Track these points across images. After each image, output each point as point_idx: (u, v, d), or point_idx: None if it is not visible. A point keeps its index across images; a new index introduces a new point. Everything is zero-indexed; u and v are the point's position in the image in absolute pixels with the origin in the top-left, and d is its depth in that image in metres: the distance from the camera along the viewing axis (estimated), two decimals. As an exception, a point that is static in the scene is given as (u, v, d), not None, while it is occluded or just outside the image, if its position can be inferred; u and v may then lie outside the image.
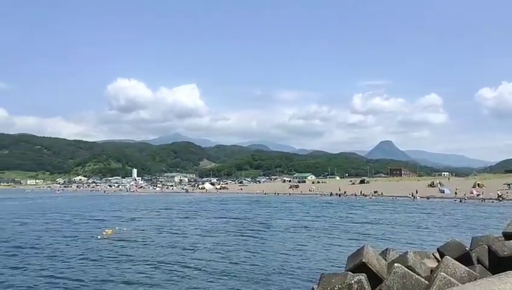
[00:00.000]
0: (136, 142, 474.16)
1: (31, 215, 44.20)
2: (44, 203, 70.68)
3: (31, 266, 17.25)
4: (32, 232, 28.45)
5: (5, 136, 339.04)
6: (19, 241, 24.45)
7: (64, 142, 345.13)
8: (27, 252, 20.74)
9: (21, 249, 21.43)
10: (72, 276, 15.31)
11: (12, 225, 33.74)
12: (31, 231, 29.21)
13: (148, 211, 48.32)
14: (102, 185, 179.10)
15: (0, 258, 19.04)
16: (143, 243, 23.06)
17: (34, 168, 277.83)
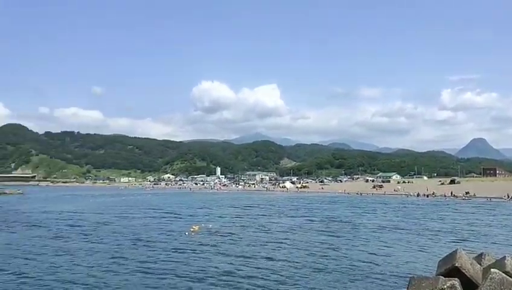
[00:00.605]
0: (219, 141, 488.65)
1: (127, 211, 47.62)
2: (136, 200, 75.20)
3: (129, 258, 18.79)
4: (130, 227, 30.76)
5: (100, 137, 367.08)
6: (120, 234, 26.71)
7: (154, 142, 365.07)
8: (126, 243, 22.67)
9: (122, 241, 23.50)
10: (164, 270, 16.33)
11: (114, 220, 36.58)
12: (130, 226, 31.60)
13: (233, 209, 49.68)
14: (189, 183, 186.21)
15: (107, 249, 21.03)
16: (229, 239, 23.82)
17: (127, 166, 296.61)
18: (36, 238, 25.56)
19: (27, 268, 16.93)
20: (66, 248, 21.76)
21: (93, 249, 21.17)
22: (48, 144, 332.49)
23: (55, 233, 27.78)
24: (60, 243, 23.57)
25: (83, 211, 46.20)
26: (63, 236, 26.24)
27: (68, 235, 26.42)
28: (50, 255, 19.84)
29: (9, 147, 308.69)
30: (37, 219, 37.25)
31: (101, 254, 19.89)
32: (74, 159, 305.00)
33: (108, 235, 26.38)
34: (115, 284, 14.38)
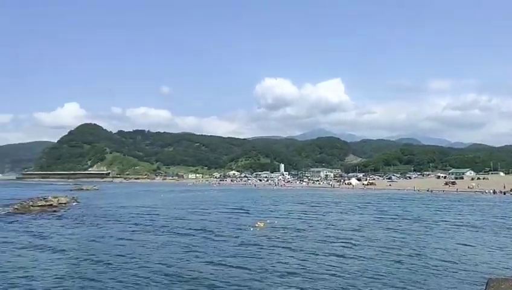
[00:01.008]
0: (283, 138, 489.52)
1: (196, 206, 49.32)
2: (204, 195, 77.29)
3: (200, 250, 19.65)
4: (199, 221, 32.00)
5: (169, 135, 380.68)
6: (191, 228, 27.89)
7: (219, 139, 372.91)
8: (197, 236, 23.67)
9: (193, 235, 24.58)
10: (231, 262, 16.96)
11: (185, 214, 38.20)
12: (199, 220, 32.89)
13: (297, 205, 49.62)
14: (253, 179, 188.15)
15: (180, 241, 22.07)
16: (295, 236, 23.89)
17: (194, 163, 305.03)
18: (115, 230, 27.50)
19: (110, 257, 18.38)
20: (143, 239, 23.36)
21: (168, 242, 22.53)
22: (121, 142, 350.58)
23: (132, 226, 29.66)
24: (138, 235, 25.27)
25: (155, 206, 48.52)
26: (140, 229, 28.03)
27: (144, 229, 28.19)
28: (129, 246, 21.41)
29: (85, 145, 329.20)
30: (114, 213, 39.70)
31: (175, 246, 21.13)
32: (145, 157, 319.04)
33: (180, 229, 27.74)
34: (189, 274, 15.23)
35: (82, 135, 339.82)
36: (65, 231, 27.40)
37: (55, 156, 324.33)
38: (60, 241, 22.97)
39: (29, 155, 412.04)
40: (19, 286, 14.05)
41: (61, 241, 23.23)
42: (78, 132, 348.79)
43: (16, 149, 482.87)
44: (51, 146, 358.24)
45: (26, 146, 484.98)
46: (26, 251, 20.23)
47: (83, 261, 18.02)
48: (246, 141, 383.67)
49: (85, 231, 27.62)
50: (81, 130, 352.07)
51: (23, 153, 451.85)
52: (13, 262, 17.63)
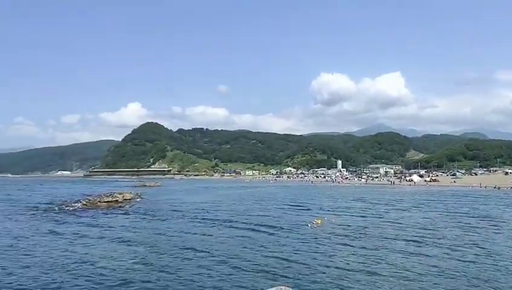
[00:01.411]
0: (340, 134, 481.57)
1: (255, 202, 50.10)
2: (261, 191, 77.93)
3: (261, 244, 19.99)
4: (258, 217, 32.43)
5: (227, 133, 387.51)
6: (250, 223, 28.38)
7: (275, 136, 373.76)
8: (257, 231, 24.02)
9: (253, 229, 24.97)
10: (291, 258, 17.10)
11: (244, 210, 38.85)
12: (258, 215, 33.40)
13: (356, 202, 48.86)
14: (310, 176, 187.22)
15: (241, 236, 22.57)
16: (354, 234, 23.51)
17: (251, 160, 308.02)
18: (178, 224, 28.64)
19: (175, 249, 19.33)
20: (205, 233, 24.25)
21: (229, 235, 23.26)
22: (181, 140, 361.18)
23: (194, 221, 30.72)
24: (200, 229, 26.21)
25: (215, 202, 49.73)
26: (202, 223, 29.02)
27: (206, 223, 29.16)
28: (193, 238, 22.39)
29: (148, 143, 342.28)
30: (177, 208, 41.06)
31: (236, 239, 21.86)
32: (204, 154, 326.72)
33: (240, 223, 28.36)
34: (252, 266, 15.67)
35: (144, 134, 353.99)
36: (131, 225, 28.80)
37: (120, 154, 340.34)
38: (127, 235, 24.22)
39: (96, 153, 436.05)
40: (95, 275, 15.04)
41: (128, 234, 24.48)
42: (141, 131, 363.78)
43: (83, 148, 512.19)
44: (116, 144, 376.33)
45: (92, 145, 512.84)
46: (97, 243, 21.56)
47: (150, 252, 18.97)
48: (302, 137, 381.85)
49: (150, 225, 28.96)
50: (144, 129, 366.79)
51: (90, 151, 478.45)
52: (86, 253, 18.86)
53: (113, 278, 14.47)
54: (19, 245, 20.72)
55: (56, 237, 23.41)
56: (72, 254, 18.53)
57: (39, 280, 14.22)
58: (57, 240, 22.32)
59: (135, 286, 13.62)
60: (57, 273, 15.13)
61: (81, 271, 15.51)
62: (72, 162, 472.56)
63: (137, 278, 14.38)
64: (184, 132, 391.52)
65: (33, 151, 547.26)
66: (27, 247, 20.32)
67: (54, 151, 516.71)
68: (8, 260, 17.41)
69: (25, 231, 25.73)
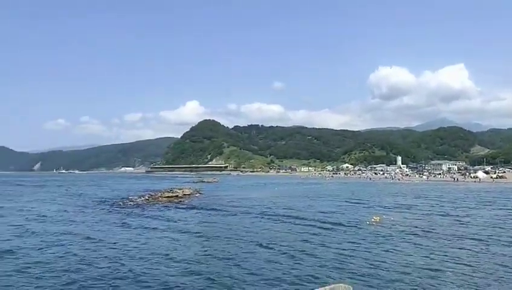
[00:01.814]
0: (400, 129, 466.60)
1: (312, 198, 49.93)
2: (317, 188, 77.48)
3: (325, 241, 19.98)
4: (315, 213, 32.33)
5: (282, 129, 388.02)
6: (308, 219, 28.39)
7: (331, 132, 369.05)
8: (314, 227, 24.00)
9: (310, 225, 24.97)
10: (349, 254, 17.00)
11: (301, 206, 38.85)
12: (316, 211, 33.23)
13: (417, 199, 47.19)
14: (368, 173, 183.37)
15: (299, 231, 22.64)
16: (415, 231, 22.79)
17: (306, 156, 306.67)
18: (237, 218, 29.41)
19: (237, 241, 19.87)
20: (264, 227, 24.80)
21: (287, 230, 23.53)
22: (237, 137, 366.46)
23: (252, 215, 31.39)
24: (259, 223, 26.86)
25: (272, 197, 50.16)
26: (260, 218, 29.56)
27: (264, 217, 29.64)
28: (253, 231, 23.03)
29: (205, 140, 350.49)
30: (234, 203, 42.01)
31: (295, 234, 22.08)
32: (259, 150, 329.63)
33: (298, 219, 28.48)
34: (312, 260, 15.82)
35: (202, 131, 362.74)
36: (192, 219, 29.86)
37: (179, 151, 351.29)
38: (189, 228, 25.22)
39: (157, 150, 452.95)
40: (162, 264, 15.86)
41: (190, 227, 25.47)
42: (199, 128, 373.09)
43: (145, 145, 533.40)
44: (175, 141, 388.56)
45: (154, 142, 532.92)
46: (163, 235, 22.59)
47: (213, 245, 19.62)
48: (359, 133, 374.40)
49: (210, 219, 29.80)
50: (202, 126, 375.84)
51: (151, 148, 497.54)
52: (155, 244, 19.93)
53: (182, 267, 15.24)
54: (94, 237, 22.08)
55: (125, 229, 24.83)
56: (142, 245, 19.61)
57: (117, 269, 15.14)
58: (126, 232, 23.62)
59: (202, 276, 14.14)
60: (132, 263, 16.10)
61: (154, 260, 16.44)
62: (134, 158, 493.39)
63: (203, 269, 14.96)
64: (240, 129, 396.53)
65: (98, 148, 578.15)
66: (102, 238, 21.66)
67: (117, 149, 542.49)
68: (86, 250, 18.64)
69: (97, 224, 27.40)
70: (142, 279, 13.77)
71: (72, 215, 32.83)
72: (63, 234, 23.15)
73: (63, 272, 14.63)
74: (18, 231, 24.37)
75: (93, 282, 13.49)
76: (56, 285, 13.25)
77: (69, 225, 27.15)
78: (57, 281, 13.64)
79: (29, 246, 19.47)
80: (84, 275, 14.23)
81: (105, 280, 13.69)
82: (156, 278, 13.86)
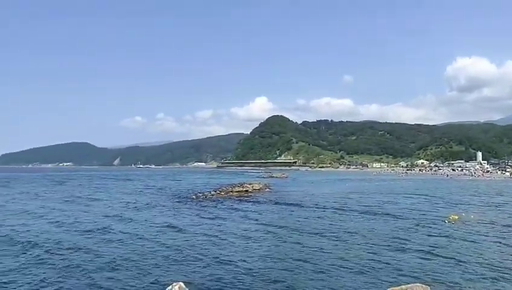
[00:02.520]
0: (480, 123, 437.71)
1: (385, 194, 48.87)
2: (391, 185, 75.41)
3: (394, 236, 19.57)
4: (391, 209, 31.51)
5: (352, 124, 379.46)
6: (383, 213, 27.96)
7: (405, 126, 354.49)
8: (389, 221, 23.48)
9: (385, 219, 24.53)
10: (429, 252, 16.50)
11: (375, 203, 38.12)
12: (392, 209, 32.40)
13: (500, 197, 44.32)
14: (445, 169, 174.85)
15: (375, 226, 22.31)
16: (499, 231, 21.59)
17: (378, 152, 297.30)
18: (309, 213, 29.56)
19: (312, 235, 19.97)
20: (342, 224, 24.48)
21: (362, 227, 23.15)
22: (306, 132, 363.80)
23: (323, 210, 31.40)
24: (333, 219, 26.56)
25: (342, 193, 49.60)
26: (333, 214, 29.17)
27: (337, 214, 29.31)
28: (327, 226, 23.07)
29: (274, 136, 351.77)
30: (305, 198, 42.14)
31: (369, 232, 21.66)
32: (329, 146, 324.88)
33: (371, 215, 28.23)
34: (387, 261, 15.38)
35: (271, 127, 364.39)
36: (264, 212, 30.60)
37: (249, 146, 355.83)
38: (261, 220, 25.95)
39: (227, 146, 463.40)
40: (241, 253, 16.78)
41: (262, 220, 26.23)
42: (268, 124, 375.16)
43: (216, 140, 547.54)
44: (245, 137, 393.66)
45: (224, 138, 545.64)
46: (236, 227, 23.44)
47: (286, 238, 20.01)
48: (435, 127, 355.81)
49: (282, 213, 30.17)
50: (270, 122, 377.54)
51: (222, 144, 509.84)
52: (230, 234, 21.04)
53: (258, 255, 16.10)
54: (175, 227, 23.69)
55: (203, 220, 26.28)
56: (221, 235, 20.68)
57: (199, 257, 16.10)
58: (205, 223, 24.93)
59: (275, 267, 14.45)
60: (213, 249, 17.22)
61: (232, 248, 17.55)
62: (206, 154, 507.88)
63: (277, 261, 15.30)
64: (309, 124, 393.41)
65: (172, 144, 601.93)
66: (183, 228, 23.18)
67: (190, 144, 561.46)
68: (170, 238, 20.01)
69: (176, 215, 29.12)
70: (227, 263, 15.02)
71: (155, 206, 35.67)
72: (151, 222, 25.81)
73: (163, 253, 16.17)
74: (117, 218, 27.95)
75: (187, 262, 14.91)
76: (163, 260, 14.48)
77: (154, 214, 29.94)
78: (165, 256, 15.94)
79: (135, 231, 21.33)
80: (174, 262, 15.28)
81: (196, 263, 15.05)
82: (237, 264, 14.85)
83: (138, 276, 13.62)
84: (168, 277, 13.15)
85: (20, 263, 15.19)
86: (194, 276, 13.48)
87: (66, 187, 65.63)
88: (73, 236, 20.71)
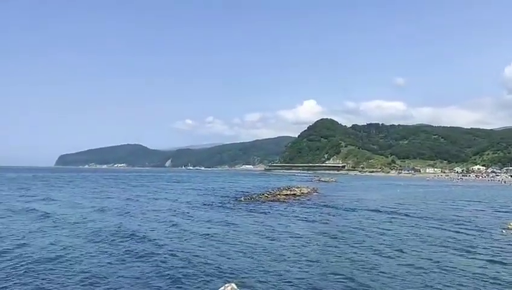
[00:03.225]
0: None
1: (440, 201, 47.12)
2: (445, 191, 72.68)
3: (448, 242, 18.77)
4: (445, 215, 30.10)
5: (404, 128, 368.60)
6: (439, 219, 26.75)
7: (460, 130, 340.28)
8: (445, 227, 22.52)
9: (441, 226, 23.51)
10: (475, 265, 15.60)
11: (429, 208, 36.89)
12: (446, 214, 30.94)
13: None
14: (503, 175, 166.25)
15: (432, 232, 21.55)
16: None
17: (432, 157, 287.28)
18: (361, 220, 28.78)
19: (363, 242, 19.47)
20: (395, 230, 24.01)
21: (418, 234, 22.52)
22: (355, 136, 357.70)
23: (373, 216, 30.78)
24: (386, 225, 26.00)
25: (393, 199, 48.26)
26: (386, 221, 28.47)
27: (390, 220, 28.68)
28: (381, 235, 22.13)
29: (322, 139, 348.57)
30: (354, 203, 41.29)
31: (425, 239, 21.00)
32: (379, 150, 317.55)
33: (428, 221, 27.46)
34: (442, 268, 14.80)
35: (319, 130, 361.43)
36: (313, 216, 30.44)
37: (296, 150, 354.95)
38: (310, 224, 26.05)
39: (275, 149, 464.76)
40: (289, 255, 16.76)
41: (311, 223, 26.29)
42: (316, 127, 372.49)
43: (264, 143, 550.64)
44: (293, 140, 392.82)
45: (272, 141, 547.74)
46: (285, 229, 23.57)
47: (337, 243, 19.67)
48: (492, 131, 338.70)
49: (331, 218, 29.71)
50: (319, 125, 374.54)
51: (269, 147, 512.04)
52: (279, 235, 21.42)
53: (306, 261, 15.91)
54: (226, 227, 24.50)
55: (253, 223, 26.48)
56: (269, 239, 20.70)
57: (250, 258, 16.28)
58: (254, 226, 25.11)
59: (326, 273, 14.27)
60: (264, 252, 17.27)
61: (283, 251, 17.60)
62: (254, 156, 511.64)
63: (327, 268, 15.06)
64: (358, 128, 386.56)
65: (221, 146, 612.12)
66: (234, 229, 23.70)
67: (238, 147, 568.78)
68: (222, 239, 20.32)
69: (229, 217, 29.67)
70: (278, 266, 15.07)
71: (208, 206, 37.68)
72: (205, 221, 27.34)
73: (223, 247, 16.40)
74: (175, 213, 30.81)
75: (239, 263, 14.93)
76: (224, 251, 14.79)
77: (209, 213, 31.88)
78: (217, 256, 16.44)
79: (191, 228, 21.94)
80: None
81: (247, 264, 15.19)
82: (288, 267, 14.86)
83: (190, 274, 13.95)
84: (219, 277, 13.40)
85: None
86: (246, 277, 13.55)
87: (129, 186, 72.74)
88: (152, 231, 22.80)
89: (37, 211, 31.24)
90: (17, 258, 15.93)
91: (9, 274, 13.77)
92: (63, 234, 21.23)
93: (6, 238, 19.82)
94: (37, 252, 16.83)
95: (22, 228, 22.98)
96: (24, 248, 17.67)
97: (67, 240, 19.53)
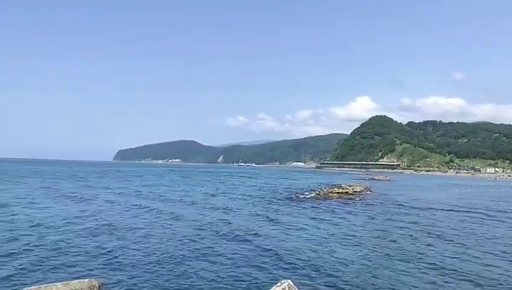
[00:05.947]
0: None
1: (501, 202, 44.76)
2: (508, 192, 68.98)
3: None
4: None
5: (463, 125, 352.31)
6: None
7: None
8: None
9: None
10: None
11: (490, 211, 35.04)
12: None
13: None
14: None
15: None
16: None
17: (493, 156, 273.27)
18: (418, 220, 28.01)
19: (419, 247, 18.71)
20: (456, 228, 23.76)
21: (483, 236, 21.71)
22: (411, 133, 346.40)
23: (433, 217, 29.65)
24: (444, 226, 25.02)
25: (454, 200, 46.68)
26: (444, 221, 27.60)
27: (449, 221, 27.70)
28: (443, 233, 21.60)
29: (376, 137, 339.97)
30: (409, 204, 39.70)
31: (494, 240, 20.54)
32: (437, 148, 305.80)
33: (493, 221, 26.81)
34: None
35: (373, 127, 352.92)
36: (367, 215, 29.81)
37: (349, 147, 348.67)
38: (364, 224, 25.31)
39: (327, 146, 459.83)
40: (342, 254, 16.35)
41: (365, 224, 25.62)
42: (370, 124, 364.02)
43: (315, 141, 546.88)
44: (345, 138, 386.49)
45: (323, 138, 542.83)
46: (336, 230, 23.07)
47: (394, 242, 19.41)
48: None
49: (385, 218, 28.96)
50: (372, 122, 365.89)
51: (321, 144, 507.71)
52: (329, 237, 20.81)
53: (360, 262, 15.42)
54: (281, 220, 25.49)
55: (305, 221, 26.27)
56: (322, 238, 20.41)
57: (303, 257, 16.06)
58: (306, 224, 24.84)
59: (381, 275, 13.82)
60: (317, 250, 17.19)
61: (337, 249, 17.35)
62: (305, 154, 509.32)
63: (382, 271, 14.61)
64: (414, 125, 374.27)
65: (272, 143, 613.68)
66: (286, 227, 23.47)
67: (289, 144, 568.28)
68: (276, 236, 20.38)
69: (280, 215, 29.48)
70: (334, 265, 14.74)
71: (261, 203, 38.16)
72: (257, 216, 28.44)
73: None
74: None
75: (290, 261, 14.90)
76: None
77: (256, 209, 32.39)
78: (272, 253, 16.57)
79: (247, 225, 22.23)
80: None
81: (299, 263, 15.03)
82: (343, 267, 14.64)
83: (245, 271, 14.04)
84: (271, 274, 13.44)
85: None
86: (298, 276, 13.35)
87: (195, 181, 76.80)
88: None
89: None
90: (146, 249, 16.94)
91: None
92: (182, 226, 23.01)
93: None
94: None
95: (141, 221, 24.41)
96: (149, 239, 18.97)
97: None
